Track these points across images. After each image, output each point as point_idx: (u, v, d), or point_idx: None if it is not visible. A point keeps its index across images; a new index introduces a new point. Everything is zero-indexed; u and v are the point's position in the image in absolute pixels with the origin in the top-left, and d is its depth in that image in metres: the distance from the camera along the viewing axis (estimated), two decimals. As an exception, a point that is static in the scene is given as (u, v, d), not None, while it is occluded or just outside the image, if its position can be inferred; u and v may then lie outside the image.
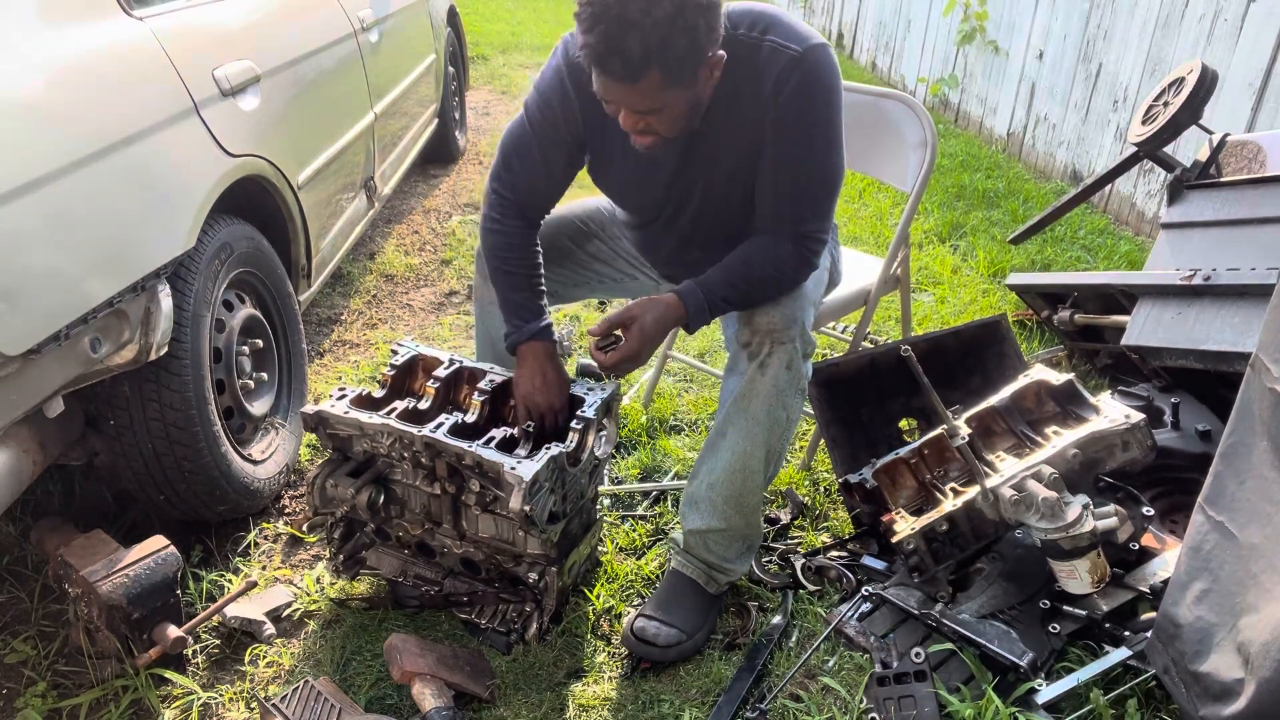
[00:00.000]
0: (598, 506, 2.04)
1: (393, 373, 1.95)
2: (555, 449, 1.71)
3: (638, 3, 1.41)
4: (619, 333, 1.73)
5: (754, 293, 1.73)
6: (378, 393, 1.91)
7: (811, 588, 1.96)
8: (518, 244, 1.84)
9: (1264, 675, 1.24)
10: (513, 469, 1.64)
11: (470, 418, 1.83)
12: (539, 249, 1.87)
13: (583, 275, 2.09)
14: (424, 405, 1.88)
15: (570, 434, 1.79)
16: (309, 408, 1.83)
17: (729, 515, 1.82)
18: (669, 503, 2.24)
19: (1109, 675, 1.64)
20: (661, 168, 1.76)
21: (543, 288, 1.86)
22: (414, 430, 1.74)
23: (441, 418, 1.80)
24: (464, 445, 1.71)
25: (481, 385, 1.89)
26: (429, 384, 1.91)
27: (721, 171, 1.73)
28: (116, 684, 1.73)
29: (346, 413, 1.80)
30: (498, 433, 1.81)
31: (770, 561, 2.05)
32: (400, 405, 1.88)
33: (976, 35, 5.31)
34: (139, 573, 1.70)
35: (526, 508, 1.62)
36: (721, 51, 1.55)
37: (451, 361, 1.95)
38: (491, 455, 1.69)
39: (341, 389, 1.87)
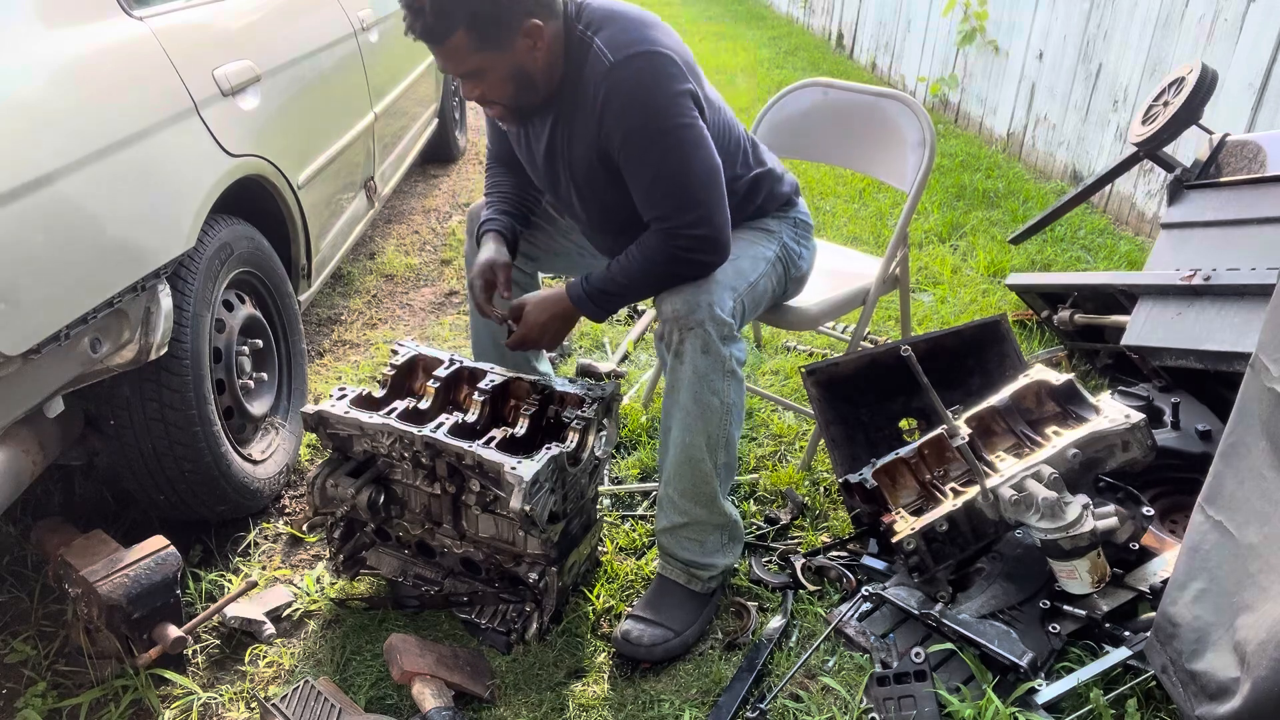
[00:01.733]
0: (597, 506, 2.04)
1: (393, 373, 1.95)
2: (555, 449, 1.71)
3: None
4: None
5: (635, 285, 1.76)
6: (378, 392, 1.91)
7: (812, 588, 1.96)
8: (497, 179, 2.04)
9: (1259, 674, 1.24)
10: (513, 469, 1.64)
11: (471, 417, 1.83)
12: (521, 190, 2.03)
13: (561, 245, 2.17)
14: (424, 405, 1.88)
15: (570, 434, 1.80)
16: (309, 407, 1.83)
17: (688, 509, 1.82)
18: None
19: (1109, 675, 1.64)
20: (537, 147, 1.85)
21: (510, 207, 2.01)
22: (414, 430, 1.74)
23: (441, 418, 1.80)
24: (464, 445, 1.71)
25: (482, 385, 1.89)
26: (429, 384, 1.91)
27: (577, 156, 1.78)
28: (116, 684, 1.73)
29: (347, 413, 1.80)
30: (498, 433, 1.81)
31: (770, 561, 2.05)
32: (400, 405, 1.88)
33: (976, 35, 5.31)
34: (139, 573, 1.70)
35: (527, 507, 1.62)
36: (536, 20, 1.60)
37: (451, 361, 1.96)
38: (492, 455, 1.69)
39: (341, 389, 1.87)
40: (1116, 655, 1.65)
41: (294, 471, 2.34)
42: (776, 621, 1.87)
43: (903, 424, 2.27)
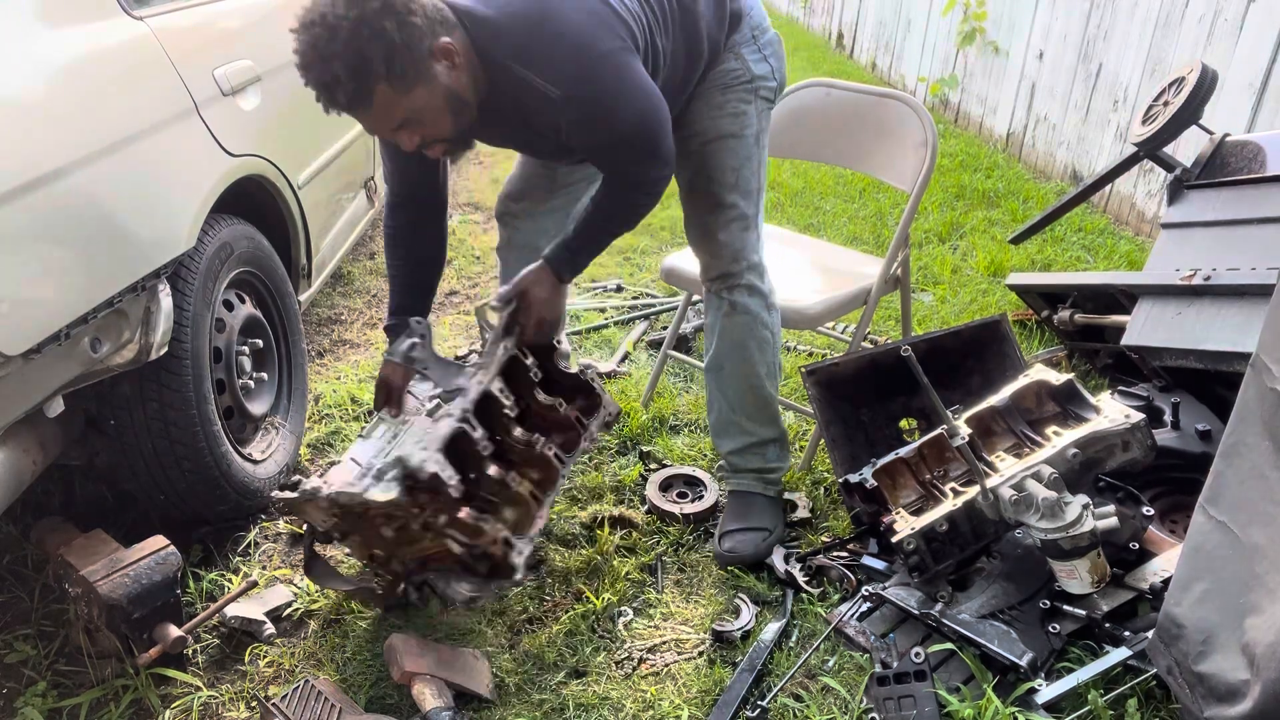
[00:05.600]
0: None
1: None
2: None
3: (323, 33, 1.48)
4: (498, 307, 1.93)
5: (606, 236, 1.91)
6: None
7: (812, 591, 1.96)
8: (396, 247, 2.02)
9: (1270, 677, 1.24)
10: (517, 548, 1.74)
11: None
12: (417, 252, 2.02)
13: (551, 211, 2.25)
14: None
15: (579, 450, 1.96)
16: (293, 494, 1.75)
17: (754, 429, 2.10)
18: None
19: (1109, 675, 1.64)
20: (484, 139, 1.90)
21: (413, 298, 2.02)
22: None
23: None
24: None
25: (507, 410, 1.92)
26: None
27: (507, 139, 1.91)
28: (116, 684, 1.73)
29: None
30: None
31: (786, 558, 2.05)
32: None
33: (976, 35, 5.31)
34: (139, 572, 1.70)
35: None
36: (446, 39, 1.57)
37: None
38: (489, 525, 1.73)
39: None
40: (1116, 655, 1.65)
41: (294, 471, 2.34)
42: (776, 621, 1.87)
43: (903, 424, 2.27)
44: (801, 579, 1.96)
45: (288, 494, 1.72)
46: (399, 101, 1.56)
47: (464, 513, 1.69)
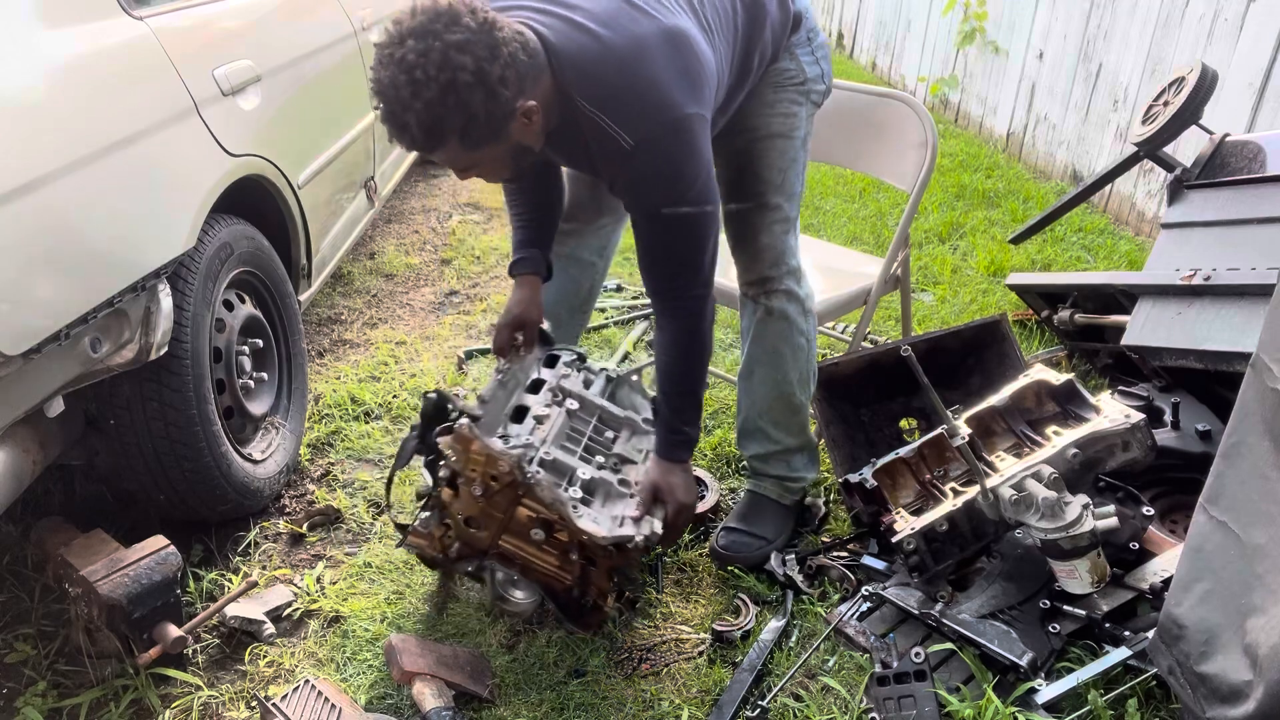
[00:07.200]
0: None
1: None
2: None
3: (407, 86, 1.40)
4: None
5: (690, 394, 1.82)
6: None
7: (811, 591, 1.96)
8: (513, 196, 2.01)
9: (1273, 678, 1.23)
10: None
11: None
12: (535, 198, 2.00)
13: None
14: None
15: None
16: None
17: (780, 438, 2.05)
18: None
19: (1109, 675, 1.64)
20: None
21: (536, 232, 2.00)
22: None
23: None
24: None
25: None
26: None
27: (561, 163, 1.89)
28: (116, 683, 1.73)
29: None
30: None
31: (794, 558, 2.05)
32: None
33: (976, 35, 5.30)
34: (139, 572, 1.70)
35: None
36: (530, 102, 1.50)
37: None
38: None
39: None
40: (1116, 655, 1.65)
41: (294, 471, 2.34)
42: (776, 621, 1.87)
43: (903, 424, 2.27)
44: (801, 580, 1.96)
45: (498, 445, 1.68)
46: (465, 155, 1.52)
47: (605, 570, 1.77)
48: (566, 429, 1.90)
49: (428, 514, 1.81)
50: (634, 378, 2.15)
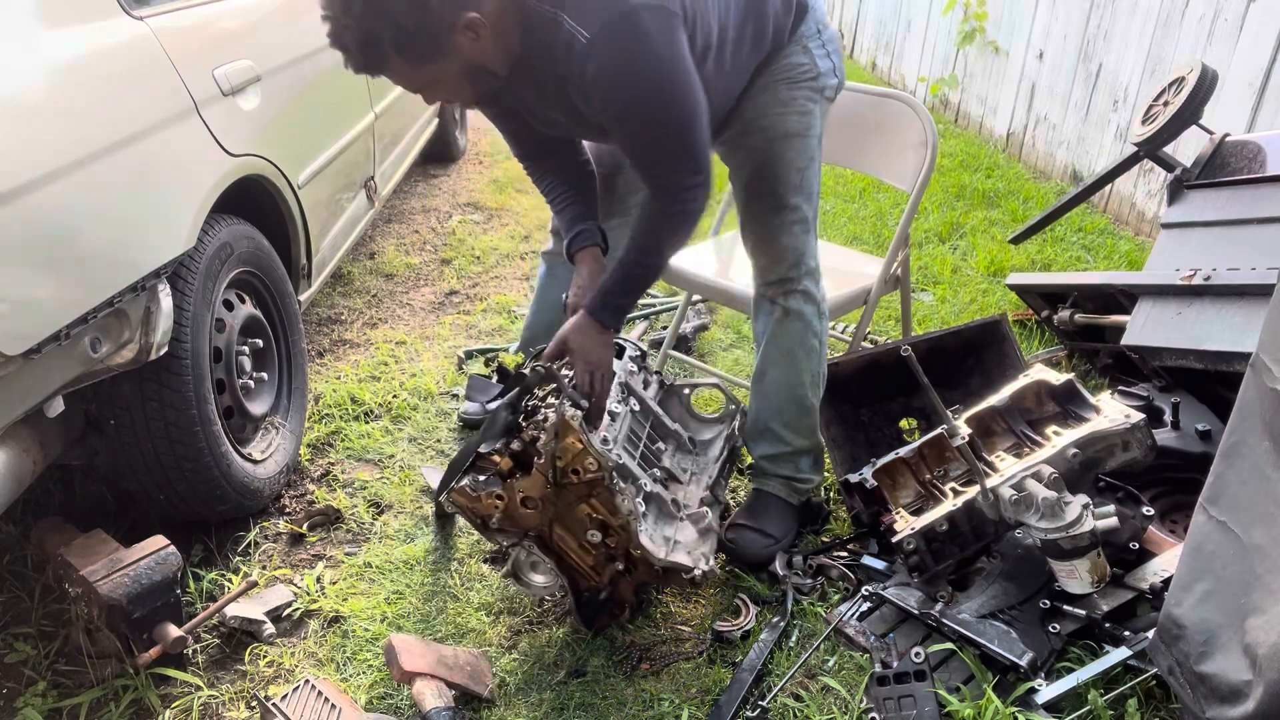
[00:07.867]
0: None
1: None
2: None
3: (338, 6, 1.49)
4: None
5: (640, 269, 1.79)
6: None
7: (812, 590, 1.96)
8: (549, 182, 2.01)
9: (1273, 678, 1.24)
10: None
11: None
12: (565, 173, 2.01)
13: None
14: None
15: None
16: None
17: (790, 439, 2.05)
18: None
19: (1109, 675, 1.64)
20: (523, 106, 1.84)
21: (586, 209, 1.99)
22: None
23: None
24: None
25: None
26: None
27: (538, 110, 1.82)
28: (116, 683, 1.73)
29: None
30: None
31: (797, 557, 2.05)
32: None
33: (976, 35, 5.30)
34: (139, 572, 1.70)
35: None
36: (472, 14, 1.52)
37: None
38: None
39: None
40: (1116, 655, 1.65)
41: (294, 471, 2.34)
42: (777, 621, 1.87)
43: (903, 424, 2.27)
44: (800, 581, 1.96)
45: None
46: (414, 72, 1.57)
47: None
48: (628, 431, 1.90)
49: (483, 478, 1.78)
50: (685, 391, 2.16)
